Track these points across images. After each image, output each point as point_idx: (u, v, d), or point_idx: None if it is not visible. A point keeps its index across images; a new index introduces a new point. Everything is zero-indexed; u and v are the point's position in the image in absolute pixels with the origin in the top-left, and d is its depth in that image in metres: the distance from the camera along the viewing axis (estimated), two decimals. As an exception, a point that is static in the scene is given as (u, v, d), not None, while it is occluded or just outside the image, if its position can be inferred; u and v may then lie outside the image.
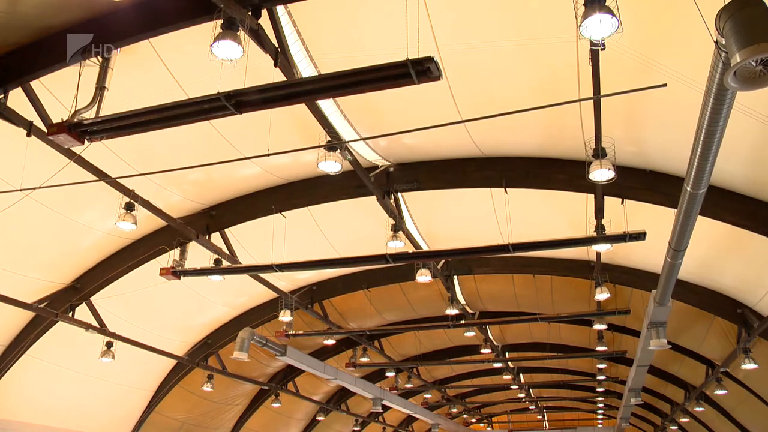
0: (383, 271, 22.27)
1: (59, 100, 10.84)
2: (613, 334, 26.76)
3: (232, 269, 16.55)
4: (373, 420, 43.99)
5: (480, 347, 27.70)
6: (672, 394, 35.35)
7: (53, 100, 10.88)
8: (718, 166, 8.64)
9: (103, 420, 25.35)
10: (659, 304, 15.44)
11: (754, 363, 19.72)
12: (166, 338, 23.26)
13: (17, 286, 17.22)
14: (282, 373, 31.71)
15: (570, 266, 20.32)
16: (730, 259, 17.26)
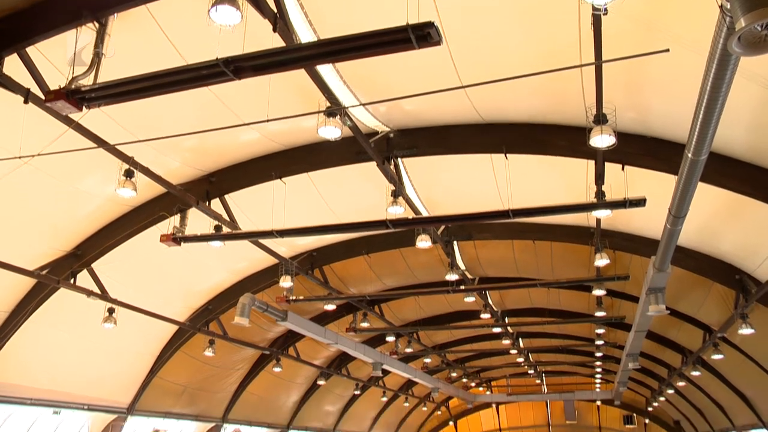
0: (383, 237, 22.32)
1: (56, 67, 10.74)
2: (612, 299, 26.91)
3: (232, 235, 16.57)
4: (373, 384, 44.47)
5: (480, 312, 27.86)
6: (669, 358, 35.69)
7: (50, 66, 10.79)
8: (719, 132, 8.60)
9: (106, 385, 25.63)
10: (658, 270, 15.49)
11: (750, 328, 19.90)
12: (168, 304, 23.40)
13: (18, 253, 17.28)
14: (283, 338, 31.96)
15: (570, 232, 20.34)
16: (729, 225, 17.28)
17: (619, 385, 42.80)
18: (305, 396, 40.82)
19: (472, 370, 51.01)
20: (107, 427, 27.55)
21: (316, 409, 43.70)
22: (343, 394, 45.87)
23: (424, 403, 56.92)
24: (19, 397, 22.41)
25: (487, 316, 27.43)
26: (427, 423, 68.85)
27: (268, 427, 40.03)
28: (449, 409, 68.41)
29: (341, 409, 47.29)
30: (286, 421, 41.12)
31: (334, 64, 11.87)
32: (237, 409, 34.51)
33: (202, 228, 16.56)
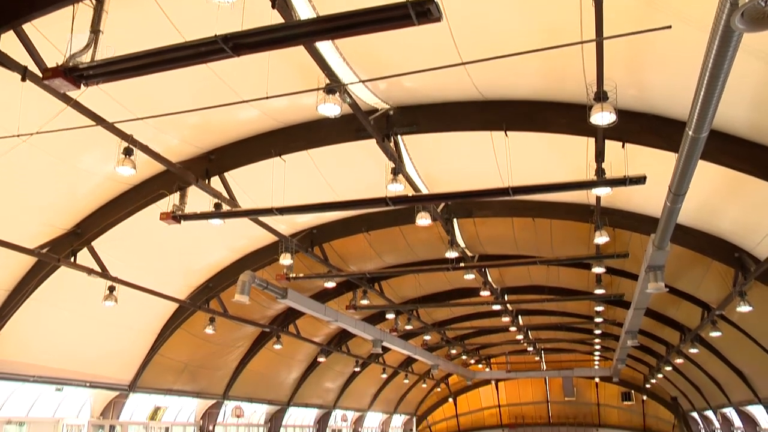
0: (383, 214, 22.32)
1: (54, 44, 10.66)
2: (612, 277, 26.97)
3: (232, 213, 16.57)
4: (373, 361, 44.71)
5: (479, 290, 27.91)
6: (668, 336, 35.88)
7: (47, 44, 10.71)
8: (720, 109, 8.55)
9: (107, 362, 25.79)
10: (658, 248, 15.51)
11: (749, 306, 19.95)
12: (168, 282, 23.47)
13: (18, 231, 17.29)
14: (283, 316, 32.08)
15: (570, 210, 20.33)
16: (729, 203, 17.28)
17: (617, 362, 43.04)
18: (305, 373, 41.07)
19: (472, 348, 51.26)
20: (109, 403, 27.79)
21: (317, 386, 44.00)
22: (344, 371, 46.14)
23: (423, 380, 57.29)
24: (22, 374, 22.57)
25: (487, 294, 27.47)
26: (427, 399, 69.38)
27: (268, 404, 40.35)
28: (449, 386, 68.89)
29: (341, 385, 47.62)
30: (286, 397, 41.43)
31: (333, 41, 11.79)
32: (238, 386, 34.76)
33: (202, 206, 16.55)
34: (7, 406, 24.21)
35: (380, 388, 53.92)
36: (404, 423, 68.39)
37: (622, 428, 67.68)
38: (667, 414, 62.91)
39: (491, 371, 62.47)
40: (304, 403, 43.92)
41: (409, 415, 68.28)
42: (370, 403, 54.94)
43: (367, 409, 55.31)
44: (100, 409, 27.82)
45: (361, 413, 55.23)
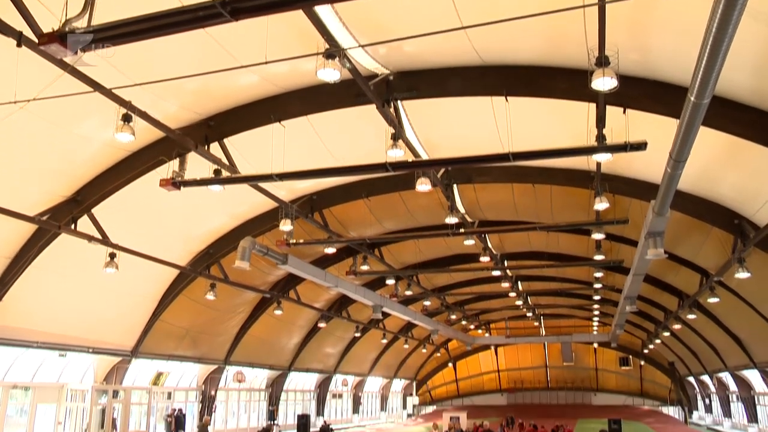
0: (383, 180, 22.27)
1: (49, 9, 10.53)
2: (611, 243, 27.01)
3: (231, 179, 16.53)
4: (373, 326, 45.03)
5: (479, 255, 27.97)
6: (666, 302, 36.07)
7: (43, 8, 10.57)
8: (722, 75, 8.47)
9: (110, 328, 25.98)
10: (658, 214, 15.50)
11: (747, 272, 20.01)
12: (168, 249, 23.53)
13: (18, 199, 17.29)
14: (283, 282, 32.23)
15: (570, 176, 20.29)
16: (729, 169, 17.24)
17: (616, 327, 43.34)
18: (306, 338, 41.38)
19: (471, 313, 51.52)
20: (112, 369, 28.08)
21: (317, 351, 44.37)
22: (344, 337, 46.48)
23: (423, 345, 57.75)
24: (25, 340, 22.76)
25: (487, 260, 27.53)
26: (427, 364, 70.02)
27: (269, 369, 40.75)
28: (448, 351, 69.48)
29: (342, 351, 48.02)
30: (287, 362, 41.80)
31: (332, 5, 11.64)
32: (239, 351, 35.05)
33: (202, 172, 16.50)
34: (12, 372, 24.49)
35: (380, 354, 54.38)
36: (404, 387, 69.14)
37: (620, 393, 68.50)
38: (664, 379, 63.61)
39: (491, 336, 62.91)
40: (304, 368, 44.34)
41: (409, 380, 69.00)
42: (370, 368, 55.46)
43: (368, 373, 55.87)
44: (103, 374, 28.12)
45: (362, 378, 55.81)
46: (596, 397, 69.02)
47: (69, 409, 26.67)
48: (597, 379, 69.78)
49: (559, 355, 68.61)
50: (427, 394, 74.08)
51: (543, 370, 71.77)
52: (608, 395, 68.56)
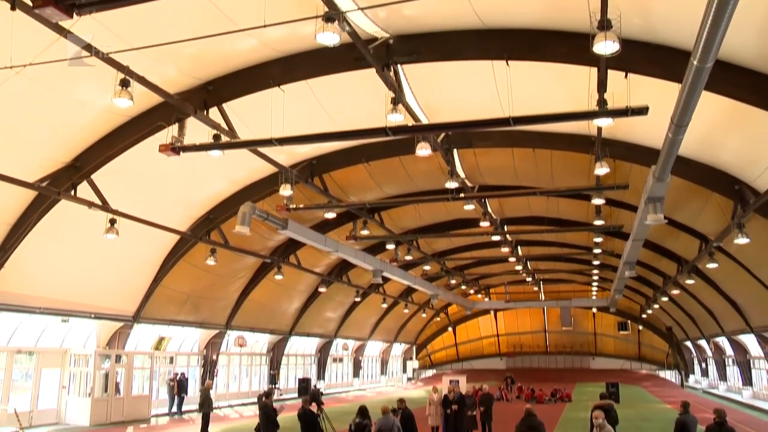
0: (383, 145, 22.21)
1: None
2: (611, 208, 27.03)
3: (231, 144, 16.49)
4: (373, 291, 45.27)
5: (479, 220, 27.99)
6: (665, 267, 36.21)
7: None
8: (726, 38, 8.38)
9: (111, 294, 26.11)
10: (658, 180, 15.48)
11: (746, 238, 20.04)
12: (169, 214, 23.55)
13: (17, 165, 17.25)
14: (284, 247, 32.32)
15: (570, 141, 20.23)
16: (731, 135, 17.17)
17: (615, 292, 43.58)
18: (306, 303, 41.64)
19: (471, 278, 51.79)
20: (115, 334, 28.29)
21: (318, 315, 44.67)
22: (344, 301, 46.76)
23: (423, 309, 58.12)
24: (28, 306, 22.92)
25: (487, 224, 27.56)
26: (426, 329, 70.54)
27: (270, 334, 41.06)
28: (448, 316, 69.96)
29: (342, 315, 48.35)
30: (288, 327, 42.11)
31: (331, -33, 11.49)
32: (240, 316, 35.28)
33: (201, 138, 16.45)
34: (16, 337, 24.72)
35: (380, 318, 54.76)
36: (404, 352, 69.74)
37: (618, 357, 69.13)
38: (662, 343, 64.15)
39: (490, 301, 63.27)
40: (305, 333, 44.68)
41: (409, 344, 69.57)
42: (370, 332, 55.89)
43: (368, 338, 56.33)
44: (105, 339, 28.36)
45: (362, 342, 56.27)
46: (594, 361, 69.67)
47: (73, 373, 26.97)
48: (595, 344, 70.37)
49: (558, 319, 69.11)
50: (426, 358, 74.76)
51: (542, 334, 72.34)
52: (606, 359, 69.20)
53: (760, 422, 28.32)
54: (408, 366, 69.57)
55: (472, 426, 22.37)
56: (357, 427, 14.17)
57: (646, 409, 35.37)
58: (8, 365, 24.53)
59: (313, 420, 15.68)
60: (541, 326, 72.07)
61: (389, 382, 63.78)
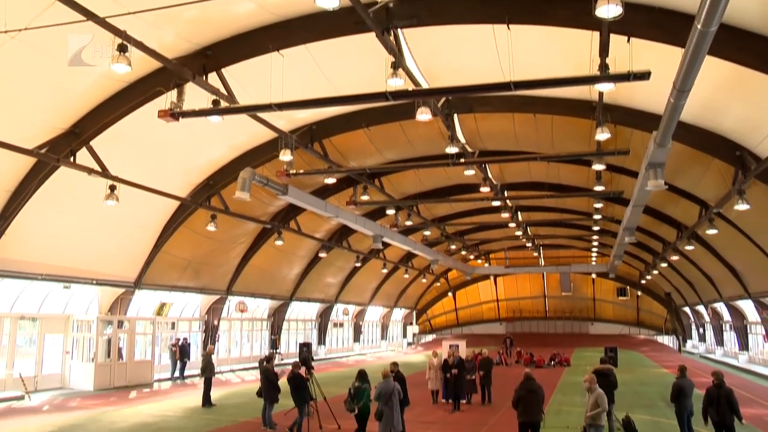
0: (383, 110, 22.08)
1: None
2: (612, 174, 26.98)
3: (230, 109, 16.40)
4: (373, 256, 45.42)
5: (479, 186, 27.94)
6: (665, 233, 36.28)
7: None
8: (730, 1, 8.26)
9: (112, 260, 26.21)
10: (659, 146, 15.42)
11: (746, 204, 20.01)
12: (168, 180, 23.52)
13: (15, 132, 17.18)
14: (284, 212, 32.35)
15: (571, 106, 20.10)
16: (733, 100, 17.05)
17: (614, 258, 43.71)
18: (307, 268, 41.81)
19: (471, 243, 51.88)
20: (116, 300, 28.46)
21: (318, 281, 44.88)
22: (344, 267, 46.95)
23: (423, 274, 58.35)
24: (30, 272, 23.03)
25: (487, 190, 27.51)
26: (427, 294, 70.94)
27: (271, 299, 41.30)
28: (448, 281, 70.30)
29: (342, 280, 48.58)
30: (288, 292, 42.34)
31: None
32: (240, 281, 35.46)
33: (200, 103, 16.35)
34: (19, 303, 24.90)
35: (380, 283, 55.03)
36: (404, 317, 70.22)
37: (617, 322, 69.65)
38: (660, 309, 64.59)
39: (490, 266, 63.51)
40: (306, 298, 44.94)
41: (409, 309, 70.03)
42: (370, 297, 56.21)
43: (368, 303, 56.66)
44: (107, 305, 28.54)
45: (362, 307, 56.63)
46: (593, 326, 70.19)
47: (75, 339, 27.20)
48: (594, 309, 70.84)
49: (557, 285, 69.45)
50: (426, 323, 75.30)
51: (541, 299, 72.76)
52: (605, 325, 69.70)
53: (756, 386, 28.63)
54: (408, 331, 70.12)
55: (471, 390, 22.62)
56: (356, 391, 14.30)
57: (644, 373, 35.74)
58: (12, 331, 24.75)
59: (302, 384, 15.91)
60: (540, 292, 72.45)
61: (389, 347, 64.34)
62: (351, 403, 14.22)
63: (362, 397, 14.23)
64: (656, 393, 25.18)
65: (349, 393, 14.33)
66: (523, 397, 12.66)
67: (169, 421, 18.81)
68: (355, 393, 14.25)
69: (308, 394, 16.01)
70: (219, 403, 22.22)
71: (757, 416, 17.07)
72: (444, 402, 22.20)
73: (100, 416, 19.52)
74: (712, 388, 13.12)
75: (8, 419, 18.99)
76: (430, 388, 22.85)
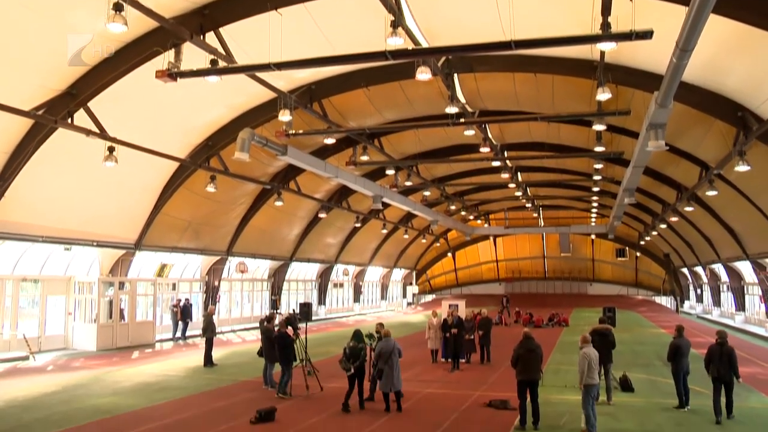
0: (382, 69, 21.91)
1: None
2: (612, 134, 26.86)
3: (228, 69, 16.25)
4: (373, 217, 45.49)
5: (479, 146, 27.84)
6: (664, 194, 36.28)
7: None
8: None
9: (113, 222, 26.26)
10: (660, 106, 15.32)
11: (747, 165, 19.94)
12: (167, 141, 23.43)
13: (12, 93, 17.04)
14: (283, 173, 32.30)
15: (572, 65, 19.92)
16: (736, 60, 16.89)
17: (613, 219, 43.79)
18: (307, 229, 41.91)
19: (471, 204, 51.90)
20: (117, 261, 28.59)
21: (318, 241, 45.02)
22: (344, 227, 47.05)
23: (423, 235, 58.51)
24: (31, 234, 23.09)
25: (487, 150, 27.41)
26: (426, 254, 71.23)
27: (271, 260, 41.48)
28: (448, 241, 70.51)
29: (342, 241, 48.73)
30: (288, 253, 42.50)
31: None
32: (241, 242, 35.56)
33: (198, 63, 16.19)
34: (21, 265, 25.02)
35: (380, 243, 55.22)
36: (404, 277, 70.61)
37: (615, 283, 70.09)
38: (659, 269, 64.92)
39: (490, 227, 63.62)
40: (306, 258, 45.13)
41: (409, 270, 70.40)
42: (370, 257, 56.45)
43: (368, 263, 56.93)
44: (108, 267, 28.67)
45: (362, 267, 56.91)
46: (592, 287, 70.63)
47: (78, 300, 27.38)
48: (593, 270, 71.19)
49: (556, 245, 69.66)
50: (426, 283, 75.75)
51: (541, 260, 73.07)
52: (604, 285, 70.14)
53: (752, 346, 28.90)
54: (408, 291, 70.58)
55: (470, 349, 22.85)
56: (352, 351, 14.42)
57: (642, 333, 36.08)
58: (15, 293, 24.91)
59: (287, 343, 16.08)
60: (539, 252, 72.72)
61: (389, 307, 64.82)
62: (346, 362, 14.34)
63: (358, 357, 14.36)
64: (653, 352, 25.43)
65: (344, 353, 14.45)
66: (522, 356, 12.80)
67: (172, 380, 19.03)
68: (351, 353, 14.37)
69: (293, 354, 16.20)
70: (220, 362, 22.47)
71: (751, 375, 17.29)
72: (443, 361, 22.45)
73: (103, 376, 19.74)
74: (715, 346, 13.62)
75: (14, 378, 19.23)
76: (430, 347, 23.08)
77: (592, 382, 12.39)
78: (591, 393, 12.36)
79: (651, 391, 17.13)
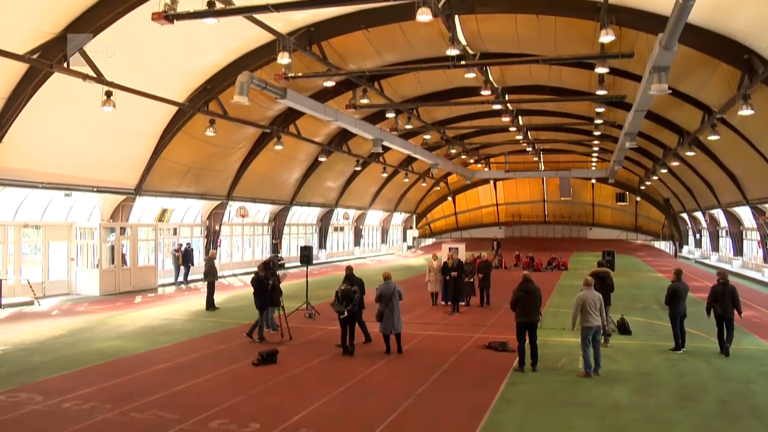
0: (382, 10, 21.55)
1: None
2: (614, 78, 26.58)
3: (226, 11, 16.00)
4: (373, 160, 45.39)
5: (480, 89, 27.61)
6: (666, 139, 36.12)
7: None
8: None
9: (112, 167, 26.19)
10: (665, 48, 15.10)
11: (751, 109, 19.75)
12: (165, 86, 23.18)
13: (5, 37, 16.73)
14: (283, 116, 32.08)
15: (575, 6, 19.59)
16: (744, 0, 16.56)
17: (614, 163, 43.67)
18: (307, 173, 41.87)
19: (471, 147, 51.70)
20: (118, 207, 28.63)
21: (318, 185, 45.02)
22: (344, 171, 46.99)
23: (423, 178, 58.49)
24: (31, 181, 23.06)
25: (487, 93, 27.19)
26: (426, 198, 71.34)
27: (271, 204, 41.54)
28: (448, 185, 70.53)
29: (342, 185, 48.75)
30: (289, 197, 42.54)
31: None
32: (241, 186, 35.56)
33: (195, 5, 15.91)
34: (22, 211, 25.06)
35: (380, 187, 55.24)
36: (404, 221, 70.86)
37: (615, 227, 70.40)
38: (658, 214, 65.10)
39: (490, 171, 63.51)
40: (306, 203, 45.20)
41: (409, 213, 70.60)
42: (370, 201, 56.54)
43: (368, 207, 57.05)
44: (109, 212, 28.71)
45: (362, 211, 57.06)
46: (591, 231, 70.94)
47: (80, 246, 27.49)
48: (593, 214, 71.36)
49: (557, 189, 69.70)
50: (426, 227, 76.04)
51: (541, 204, 73.19)
52: (603, 230, 70.45)
53: (748, 290, 29.15)
54: (408, 235, 70.91)
55: (470, 292, 23.07)
56: (344, 294, 14.40)
57: (640, 277, 36.37)
58: (17, 239, 25.00)
59: (263, 288, 16.18)
60: (540, 196, 72.79)
61: (389, 251, 65.21)
62: (339, 305, 14.38)
63: (351, 300, 14.35)
64: (651, 296, 25.67)
65: (336, 295, 14.49)
66: (521, 298, 12.91)
67: (175, 323, 19.26)
68: (343, 296, 14.38)
69: (268, 299, 16.29)
70: (222, 306, 22.70)
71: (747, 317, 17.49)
72: (443, 304, 22.69)
73: (107, 320, 19.97)
74: (717, 286, 14.35)
75: (21, 323, 19.44)
76: (430, 290, 23.30)
77: (589, 325, 12.50)
78: (588, 335, 12.52)
79: (648, 333, 17.37)
